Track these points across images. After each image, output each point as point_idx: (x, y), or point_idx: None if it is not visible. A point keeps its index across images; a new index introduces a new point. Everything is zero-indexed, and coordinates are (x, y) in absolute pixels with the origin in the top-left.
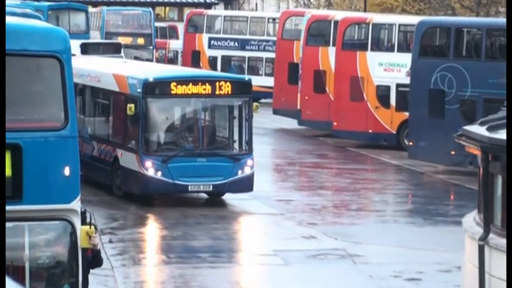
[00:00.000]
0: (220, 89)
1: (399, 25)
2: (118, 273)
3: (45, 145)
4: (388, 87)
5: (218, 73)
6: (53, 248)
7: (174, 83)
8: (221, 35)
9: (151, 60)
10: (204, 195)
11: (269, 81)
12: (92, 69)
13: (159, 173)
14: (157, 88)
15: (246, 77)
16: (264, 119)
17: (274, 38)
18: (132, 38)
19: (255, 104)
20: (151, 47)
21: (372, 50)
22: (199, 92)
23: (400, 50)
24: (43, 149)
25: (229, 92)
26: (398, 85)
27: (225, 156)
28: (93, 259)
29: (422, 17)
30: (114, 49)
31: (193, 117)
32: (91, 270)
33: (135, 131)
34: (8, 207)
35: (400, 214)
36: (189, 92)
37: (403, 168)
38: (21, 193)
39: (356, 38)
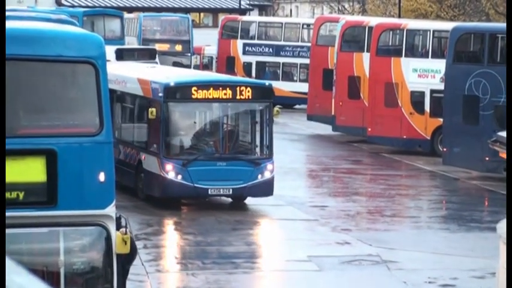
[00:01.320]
0: (240, 93)
1: (433, 31)
2: (153, 279)
3: (80, 150)
4: (422, 93)
5: (239, 78)
6: (88, 253)
7: (195, 88)
8: (256, 41)
9: (189, 67)
10: (240, 201)
11: (303, 87)
12: (119, 74)
13: (179, 177)
14: (178, 92)
15: (267, 82)
16: (298, 125)
17: (309, 44)
18: (169, 45)
19: (275, 108)
20: (189, 54)
21: (406, 56)
22: (220, 97)
23: (434, 56)
24: (78, 155)
25: (250, 97)
26: (432, 91)
27: (245, 160)
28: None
29: (457, 23)
30: (149, 55)
31: (214, 121)
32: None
33: (156, 135)
34: (43, 213)
35: (435, 220)
36: (210, 97)
37: (437, 174)
38: (57, 198)
39: (390, 44)
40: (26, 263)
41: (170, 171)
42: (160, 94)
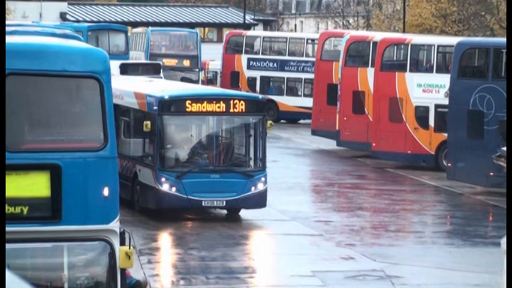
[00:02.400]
0: (234, 107)
1: (438, 46)
2: None
3: (84, 165)
4: (426, 108)
5: (233, 91)
6: (92, 268)
7: (189, 101)
8: (260, 56)
9: (197, 82)
10: (245, 216)
11: (308, 102)
12: (117, 87)
13: (174, 189)
14: (173, 106)
15: (260, 95)
16: (303, 140)
17: (313, 59)
18: (177, 60)
19: (269, 121)
20: (197, 69)
21: (410, 70)
22: (214, 110)
23: (439, 70)
24: (82, 170)
25: (243, 110)
26: (437, 106)
27: (239, 172)
28: None
29: (461, 38)
30: (153, 70)
31: (208, 134)
32: None
33: (151, 148)
34: (47, 228)
35: (439, 235)
36: (204, 110)
37: (441, 189)
38: (61, 213)
39: (395, 58)
40: (30, 278)
41: (164, 183)
42: (155, 107)
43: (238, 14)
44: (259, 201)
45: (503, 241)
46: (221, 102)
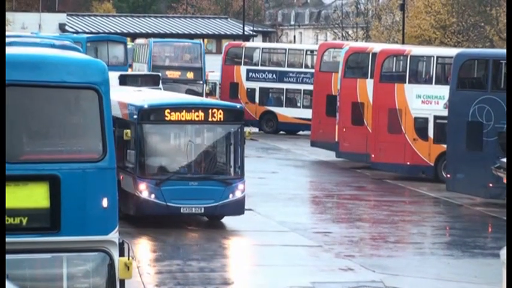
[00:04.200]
0: (212, 116)
1: (437, 57)
2: None
3: (83, 176)
4: (426, 120)
5: (211, 100)
6: (91, 279)
7: (168, 110)
8: (259, 67)
9: (201, 95)
10: (243, 227)
11: (307, 113)
12: None
13: (153, 196)
14: (152, 115)
15: (238, 104)
16: (302, 151)
17: (312, 70)
18: (180, 72)
19: (247, 130)
20: (201, 82)
21: (409, 82)
22: (193, 119)
23: (438, 82)
24: (81, 181)
25: (222, 119)
26: (436, 117)
27: (217, 180)
28: None
29: (461, 49)
30: (152, 81)
31: (187, 142)
32: None
33: (131, 156)
34: (46, 238)
35: (438, 246)
36: (183, 119)
37: (441, 200)
38: (60, 224)
39: (394, 70)
40: None
41: (144, 191)
42: (135, 116)
43: (238, 26)
44: (237, 208)
45: (503, 252)
46: (200, 111)
